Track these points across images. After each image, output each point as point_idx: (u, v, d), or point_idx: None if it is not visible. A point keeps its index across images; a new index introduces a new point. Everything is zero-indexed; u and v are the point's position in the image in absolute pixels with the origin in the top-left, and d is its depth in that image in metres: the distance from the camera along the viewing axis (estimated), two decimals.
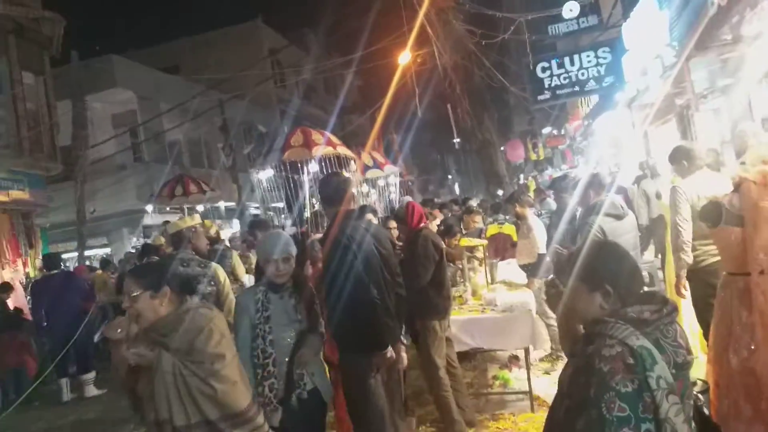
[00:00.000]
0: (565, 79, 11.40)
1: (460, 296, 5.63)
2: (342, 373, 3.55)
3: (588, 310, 1.77)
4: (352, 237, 3.34)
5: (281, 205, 11.85)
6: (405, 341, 3.90)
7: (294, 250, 3.17)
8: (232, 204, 20.03)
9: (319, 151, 8.48)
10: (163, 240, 6.66)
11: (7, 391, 7.58)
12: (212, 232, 6.48)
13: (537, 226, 6.47)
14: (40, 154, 12.67)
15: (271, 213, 11.68)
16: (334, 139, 9.21)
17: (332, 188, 3.60)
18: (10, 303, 8.38)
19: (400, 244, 5.13)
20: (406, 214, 4.86)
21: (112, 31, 43.94)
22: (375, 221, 4.50)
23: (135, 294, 2.44)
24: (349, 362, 3.44)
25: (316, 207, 8.39)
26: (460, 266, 6.17)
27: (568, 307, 1.87)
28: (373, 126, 14.44)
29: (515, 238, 7.10)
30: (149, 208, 16.29)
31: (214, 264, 4.15)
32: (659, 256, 7.68)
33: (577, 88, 11.46)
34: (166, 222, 7.24)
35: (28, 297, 9.07)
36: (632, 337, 1.57)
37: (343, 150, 9.12)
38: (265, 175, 9.47)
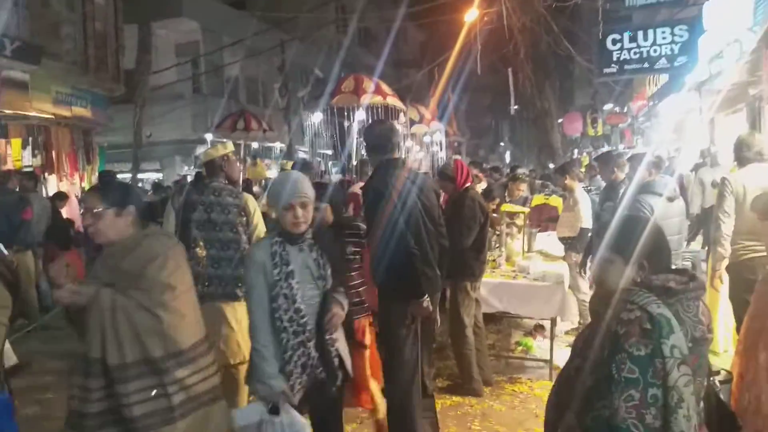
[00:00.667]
0: (635, 54, 10.91)
1: (494, 260, 5.66)
2: (379, 320, 3.60)
3: (618, 282, 1.78)
4: (393, 185, 3.35)
5: (329, 151, 11.94)
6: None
7: (311, 193, 2.67)
8: (283, 146, 20.28)
9: (368, 98, 8.43)
10: None
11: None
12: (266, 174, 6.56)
13: (583, 200, 6.37)
14: (105, 75, 13.03)
15: (319, 159, 11.79)
16: (384, 88, 9.12)
17: (376, 136, 3.59)
18: (65, 212, 8.76)
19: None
20: (454, 173, 4.82)
21: None
22: None
23: (98, 210, 2.32)
24: (387, 310, 3.48)
25: (363, 155, 8.42)
26: (498, 231, 6.16)
27: (600, 277, 1.89)
28: (430, 83, 14.27)
29: (560, 211, 7.01)
30: (208, 137, 16.54)
31: (245, 194, 4.18)
32: (706, 247, 7.49)
33: (646, 65, 10.96)
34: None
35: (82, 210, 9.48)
36: (653, 305, 1.59)
37: (392, 101, 9.04)
38: (315, 119, 9.52)
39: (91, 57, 12.52)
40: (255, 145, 14.10)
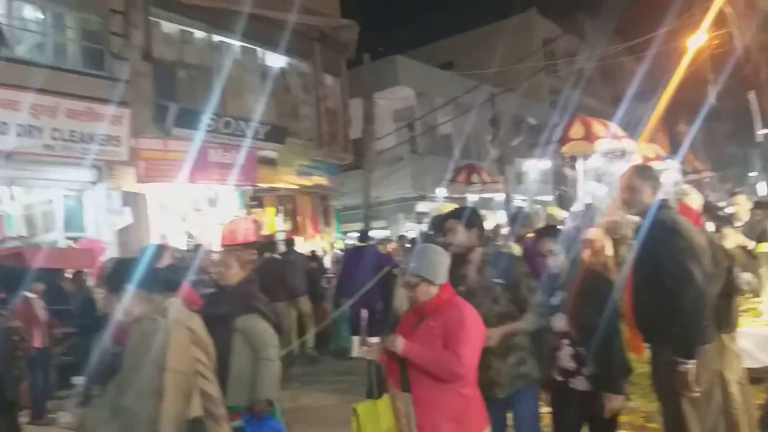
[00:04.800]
0: None
1: (754, 309, 4.90)
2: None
3: None
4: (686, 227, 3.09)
5: (548, 197, 11.64)
6: None
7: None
8: (501, 195, 20.34)
9: (603, 144, 8.03)
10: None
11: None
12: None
13: None
14: (336, 146, 14.62)
15: (538, 206, 11.55)
16: (616, 129, 8.66)
17: (647, 179, 3.27)
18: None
19: None
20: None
21: (395, 31, 47.85)
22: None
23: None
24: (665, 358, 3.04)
25: (590, 201, 8.04)
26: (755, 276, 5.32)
27: None
28: (655, 115, 13.20)
29: None
30: (440, 191, 17.26)
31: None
32: None
33: None
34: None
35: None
36: None
37: (627, 143, 8.54)
38: (534, 166, 9.41)
39: (324, 132, 14.17)
40: (473, 197, 14.38)
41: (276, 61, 13.23)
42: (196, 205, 11.35)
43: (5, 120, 8.23)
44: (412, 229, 16.47)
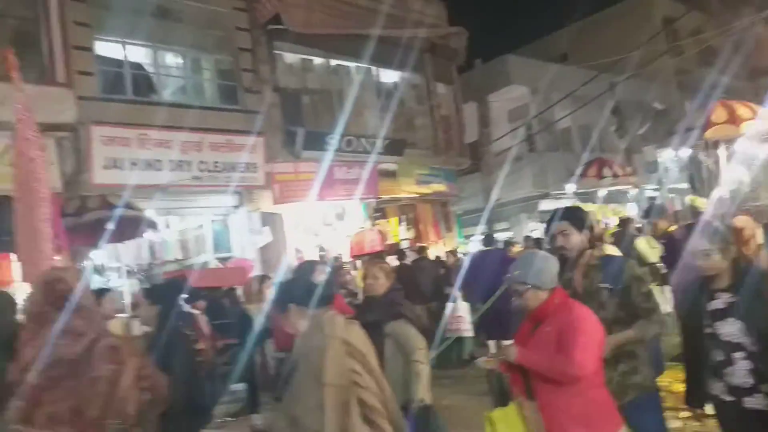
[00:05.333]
0: None
1: None
2: None
3: None
4: None
5: (682, 186, 11.00)
6: None
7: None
8: (633, 187, 19.42)
9: (750, 127, 7.55)
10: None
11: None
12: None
13: None
14: (452, 152, 14.80)
15: (673, 195, 10.94)
16: (762, 110, 8.07)
17: None
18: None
19: None
20: None
21: (504, 31, 47.18)
22: None
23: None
24: None
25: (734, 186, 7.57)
26: None
27: None
28: None
29: None
30: (569, 187, 16.88)
31: None
32: None
33: None
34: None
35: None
36: None
37: None
38: (667, 154, 8.99)
39: (440, 140, 14.40)
40: (602, 192, 13.91)
41: (389, 76, 13.69)
42: (326, 221, 12.03)
43: (160, 158, 9.30)
44: (535, 229, 16.20)
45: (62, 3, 8.68)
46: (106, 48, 9.58)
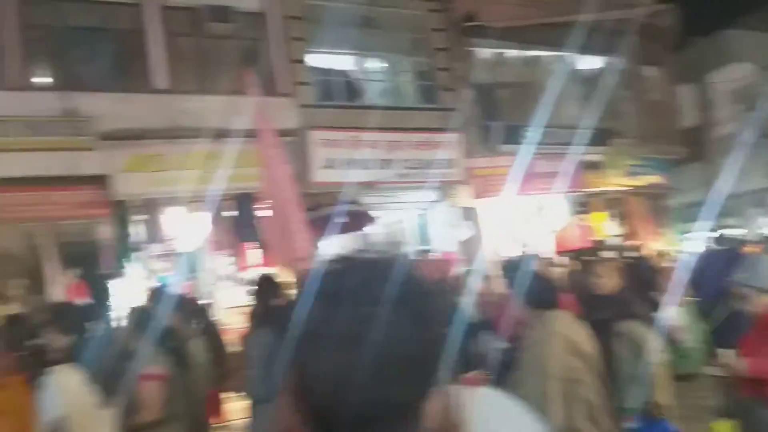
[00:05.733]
0: None
1: None
2: None
3: None
4: None
5: None
6: None
7: None
8: None
9: None
10: None
11: None
12: None
13: None
14: (665, 140, 13.47)
15: None
16: None
17: None
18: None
19: None
20: None
21: (722, 2, 41.79)
22: None
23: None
24: None
25: None
26: None
27: None
28: None
29: None
30: None
31: None
32: None
33: None
34: None
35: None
36: None
37: None
38: None
39: (650, 127, 13.20)
40: None
41: (590, 63, 12.97)
42: (525, 215, 11.71)
43: (367, 157, 9.87)
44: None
45: (285, 22, 9.73)
46: (318, 59, 10.49)
